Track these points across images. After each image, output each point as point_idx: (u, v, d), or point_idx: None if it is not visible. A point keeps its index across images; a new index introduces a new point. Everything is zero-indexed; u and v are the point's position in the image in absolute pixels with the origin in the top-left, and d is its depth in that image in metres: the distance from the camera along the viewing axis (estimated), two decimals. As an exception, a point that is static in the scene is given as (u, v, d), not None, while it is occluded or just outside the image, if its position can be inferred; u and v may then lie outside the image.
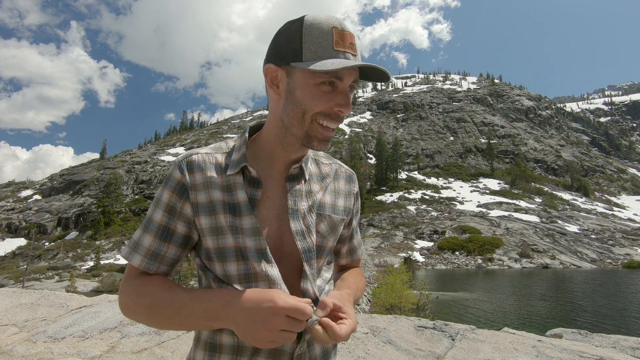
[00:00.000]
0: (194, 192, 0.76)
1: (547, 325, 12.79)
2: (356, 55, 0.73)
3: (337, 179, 0.91)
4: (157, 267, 0.77)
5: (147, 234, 0.77)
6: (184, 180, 0.76)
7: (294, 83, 0.73)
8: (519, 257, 36.46)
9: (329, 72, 0.69)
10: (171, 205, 0.77)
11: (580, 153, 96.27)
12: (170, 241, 0.77)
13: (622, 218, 57.19)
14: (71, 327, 3.32)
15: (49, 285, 26.04)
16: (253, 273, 0.73)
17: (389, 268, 18.49)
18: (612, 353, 3.02)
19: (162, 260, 0.77)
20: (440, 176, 73.35)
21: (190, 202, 0.76)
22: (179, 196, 0.76)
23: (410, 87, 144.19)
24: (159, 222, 0.77)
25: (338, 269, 1.02)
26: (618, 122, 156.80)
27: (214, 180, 0.77)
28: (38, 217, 53.94)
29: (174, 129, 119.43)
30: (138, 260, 0.76)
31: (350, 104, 0.74)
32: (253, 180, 0.78)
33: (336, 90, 0.73)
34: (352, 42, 0.73)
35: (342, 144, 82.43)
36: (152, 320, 0.73)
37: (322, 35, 0.71)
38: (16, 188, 70.34)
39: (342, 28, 0.72)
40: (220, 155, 0.81)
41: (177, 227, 0.77)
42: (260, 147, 0.83)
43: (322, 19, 0.72)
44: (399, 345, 2.99)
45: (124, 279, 0.78)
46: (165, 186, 0.78)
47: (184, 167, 0.77)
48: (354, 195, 0.94)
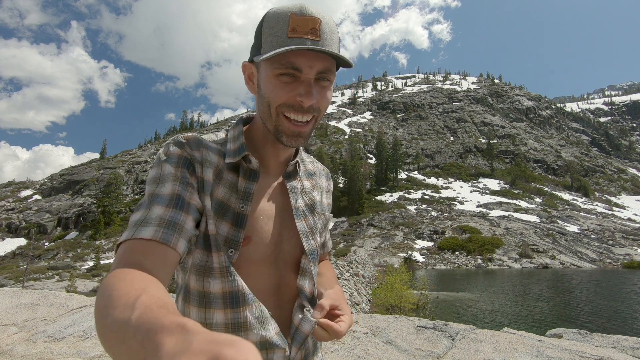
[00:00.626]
0: (199, 166, 0.69)
1: (547, 325, 12.80)
2: (318, 40, 0.66)
3: (320, 177, 0.93)
4: (177, 238, 0.61)
5: (156, 204, 0.63)
6: (186, 154, 0.69)
7: (260, 77, 0.71)
8: (519, 257, 36.47)
9: (281, 61, 0.66)
10: (180, 176, 0.66)
11: (580, 153, 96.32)
12: (188, 211, 0.64)
13: (622, 218, 57.22)
14: (71, 327, 3.32)
15: (49, 285, 26.06)
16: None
17: (389, 268, 18.50)
18: (612, 353, 3.02)
19: (182, 231, 0.62)
20: (440, 176, 73.39)
21: (196, 177, 0.69)
22: (186, 168, 0.68)
23: (410, 87, 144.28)
24: (170, 192, 0.64)
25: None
26: (618, 122, 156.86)
27: (213, 161, 0.72)
28: (38, 217, 53.96)
29: (174, 129, 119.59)
30: (150, 231, 0.59)
31: (311, 94, 0.68)
32: (250, 173, 0.74)
33: (297, 80, 0.68)
34: (315, 27, 0.66)
35: (342, 144, 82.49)
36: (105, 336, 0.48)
37: (278, 24, 0.67)
38: (16, 188, 70.36)
39: (302, 13, 0.66)
40: (213, 141, 0.76)
41: (193, 197, 0.66)
42: (251, 142, 0.79)
43: (284, 7, 0.68)
44: (399, 345, 2.99)
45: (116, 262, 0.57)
46: (165, 162, 0.68)
47: (183, 142, 0.71)
48: (331, 191, 0.97)
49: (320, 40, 0.66)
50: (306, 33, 0.65)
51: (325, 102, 0.73)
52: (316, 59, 0.67)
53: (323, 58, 0.68)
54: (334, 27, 0.70)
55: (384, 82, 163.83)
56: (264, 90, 0.70)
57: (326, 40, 0.67)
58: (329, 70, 0.70)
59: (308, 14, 0.66)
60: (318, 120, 0.75)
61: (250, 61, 0.74)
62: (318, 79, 0.70)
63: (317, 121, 0.74)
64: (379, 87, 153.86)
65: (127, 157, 74.57)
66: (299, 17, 0.66)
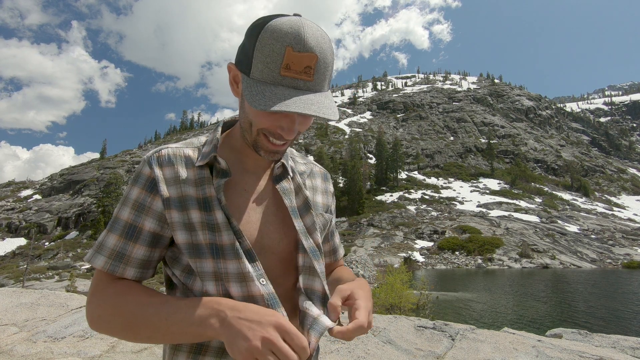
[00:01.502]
0: (163, 185, 0.72)
1: (547, 325, 12.80)
2: (311, 81, 0.65)
3: (313, 177, 0.91)
4: (124, 268, 0.70)
5: (112, 233, 0.71)
6: (153, 175, 0.73)
7: (245, 92, 0.68)
8: (519, 257, 36.46)
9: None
10: (139, 202, 0.72)
11: (580, 153, 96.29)
12: (137, 240, 0.71)
13: (622, 218, 57.21)
14: (71, 327, 3.32)
15: (49, 285, 26.06)
16: (224, 273, 0.69)
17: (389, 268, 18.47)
18: (612, 353, 3.02)
19: (129, 261, 0.70)
20: (440, 176, 73.37)
21: (160, 196, 0.71)
22: (148, 191, 0.72)
23: (410, 87, 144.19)
24: (126, 220, 0.71)
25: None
26: (618, 122, 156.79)
27: (183, 174, 0.74)
28: (38, 217, 53.97)
29: (174, 128, 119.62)
30: (101, 262, 0.70)
31: (293, 130, 0.69)
32: (222, 172, 0.74)
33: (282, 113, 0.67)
34: (311, 65, 0.64)
35: (342, 144, 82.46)
36: (132, 332, 0.66)
37: (273, 54, 0.63)
38: (16, 188, 70.38)
39: (299, 49, 0.63)
40: (191, 149, 0.78)
41: (145, 224, 0.71)
42: (233, 142, 0.81)
43: (282, 31, 0.63)
44: (399, 345, 2.99)
45: (93, 288, 0.71)
46: (134, 183, 0.74)
47: (153, 162, 0.74)
48: (331, 193, 0.94)
49: (312, 82, 0.65)
50: (299, 73, 0.64)
51: (306, 126, 0.72)
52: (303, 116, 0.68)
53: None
54: (329, 60, 0.67)
55: (384, 82, 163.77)
56: (248, 109, 0.70)
57: (319, 79, 0.66)
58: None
59: (304, 49, 0.63)
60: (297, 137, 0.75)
61: (236, 64, 0.72)
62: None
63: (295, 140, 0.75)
64: (379, 87, 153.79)
65: (127, 157, 74.59)
66: (294, 54, 0.63)
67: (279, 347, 0.57)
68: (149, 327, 0.64)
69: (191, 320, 0.62)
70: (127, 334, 0.66)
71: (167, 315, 0.63)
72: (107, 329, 0.68)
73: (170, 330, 0.63)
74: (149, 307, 0.65)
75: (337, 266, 1.00)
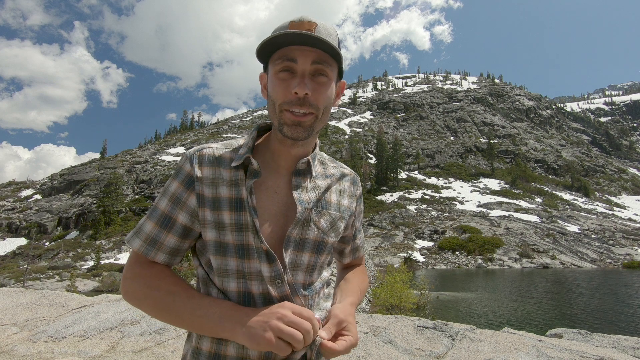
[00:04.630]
0: (200, 184, 0.78)
1: (547, 325, 12.79)
2: (313, 33, 0.72)
3: (343, 180, 0.93)
4: (155, 253, 0.79)
5: (150, 220, 0.80)
6: (193, 173, 0.79)
7: (268, 81, 0.79)
8: (519, 257, 36.43)
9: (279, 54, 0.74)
10: (177, 196, 0.79)
11: (580, 153, 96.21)
12: (170, 230, 0.79)
13: (622, 218, 57.16)
14: (71, 327, 3.32)
15: (50, 284, 26.06)
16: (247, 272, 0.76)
17: (389, 268, 18.47)
18: (612, 353, 3.02)
19: (160, 247, 0.79)
20: (441, 176, 73.30)
21: (196, 193, 0.78)
22: (185, 187, 0.79)
23: (411, 87, 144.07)
24: (162, 210, 0.80)
25: (342, 267, 1.06)
26: (618, 122, 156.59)
27: (220, 175, 0.79)
28: (38, 217, 53.97)
29: (174, 128, 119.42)
30: (138, 244, 0.79)
31: (304, 84, 0.74)
32: (254, 173, 0.79)
33: (294, 75, 0.75)
34: (311, 28, 0.73)
35: (342, 143, 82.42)
36: (158, 314, 0.75)
37: (280, 29, 0.75)
38: (17, 188, 70.36)
39: (301, 20, 0.75)
40: (229, 150, 0.83)
41: (179, 217, 0.79)
42: (267, 144, 0.86)
43: (286, 20, 0.77)
44: (399, 345, 2.99)
45: (130, 265, 0.80)
46: (174, 177, 0.81)
47: (195, 160, 0.80)
48: (357, 197, 0.96)
49: (314, 33, 0.73)
50: (301, 28, 0.74)
51: (323, 98, 0.76)
52: (310, 50, 0.74)
53: (312, 51, 0.74)
54: (331, 31, 0.77)
55: (385, 82, 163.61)
56: (270, 91, 0.78)
57: (319, 34, 0.74)
58: (325, 62, 0.75)
59: (306, 20, 0.74)
60: (319, 118, 0.78)
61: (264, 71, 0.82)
62: (315, 74, 0.75)
63: (318, 118, 0.78)
64: (379, 86, 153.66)
65: (128, 157, 74.58)
66: (297, 22, 0.74)
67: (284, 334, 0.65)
68: (173, 315, 0.73)
69: (211, 319, 0.70)
70: (154, 314, 0.76)
71: (191, 309, 0.72)
72: (138, 305, 0.78)
73: (193, 322, 0.72)
74: (177, 298, 0.73)
75: (356, 264, 1.06)
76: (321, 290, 0.86)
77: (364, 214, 18.39)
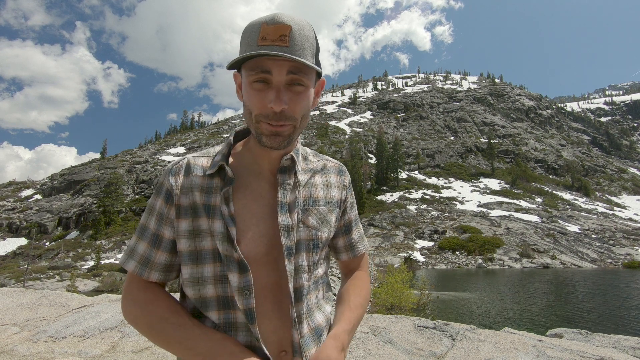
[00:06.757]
0: (177, 196, 0.78)
1: (547, 325, 12.79)
2: (287, 47, 0.68)
3: (327, 172, 0.91)
4: (149, 272, 0.80)
5: (142, 240, 0.81)
6: (170, 186, 0.79)
7: (243, 86, 0.76)
8: (520, 257, 36.43)
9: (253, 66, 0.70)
10: (160, 212, 0.80)
11: (580, 153, 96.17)
12: (160, 247, 0.80)
13: (622, 218, 57.13)
14: (72, 327, 3.32)
15: (50, 284, 26.07)
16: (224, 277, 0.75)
17: (390, 268, 18.45)
18: (613, 353, 3.02)
19: (153, 266, 0.80)
20: (441, 176, 73.28)
21: (174, 206, 0.78)
22: (165, 202, 0.79)
23: (411, 87, 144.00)
24: (151, 228, 0.80)
25: (343, 270, 1.00)
26: (619, 122, 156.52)
27: (195, 182, 0.79)
28: (39, 217, 53.99)
29: (174, 128, 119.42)
30: (132, 266, 0.80)
31: (280, 99, 0.70)
32: (229, 180, 0.77)
33: (269, 87, 0.71)
34: (285, 33, 0.68)
35: (343, 143, 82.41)
36: (152, 338, 0.75)
37: (252, 34, 0.70)
38: (17, 188, 70.38)
39: (273, 21, 0.68)
40: (206, 159, 0.83)
41: (165, 232, 0.79)
42: (248, 147, 0.85)
43: (259, 18, 0.71)
44: (399, 345, 2.99)
45: (127, 286, 0.81)
46: (157, 194, 0.81)
47: (172, 174, 0.80)
48: (346, 186, 0.94)
49: (288, 47, 0.68)
50: (275, 40, 0.67)
51: (300, 108, 0.73)
52: (283, 62, 0.69)
53: (287, 61, 0.70)
54: (307, 33, 0.71)
55: (385, 82, 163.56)
56: (245, 99, 0.75)
57: (296, 46, 0.68)
58: (300, 71, 0.71)
59: (279, 21, 0.68)
60: (298, 126, 0.75)
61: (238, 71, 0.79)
62: (291, 84, 0.71)
63: (296, 128, 0.75)
64: (380, 86, 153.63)
65: (128, 156, 74.59)
66: (269, 26, 0.68)
67: None
68: (164, 343, 0.73)
69: (198, 353, 0.70)
70: (148, 338, 0.76)
71: (180, 339, 0.71)
72: (134, 326, 0.78)
73: (181, 353, 0.72)
74: (168, 326, 0.73)
75: (356, 264, 0.98)
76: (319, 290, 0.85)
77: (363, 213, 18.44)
